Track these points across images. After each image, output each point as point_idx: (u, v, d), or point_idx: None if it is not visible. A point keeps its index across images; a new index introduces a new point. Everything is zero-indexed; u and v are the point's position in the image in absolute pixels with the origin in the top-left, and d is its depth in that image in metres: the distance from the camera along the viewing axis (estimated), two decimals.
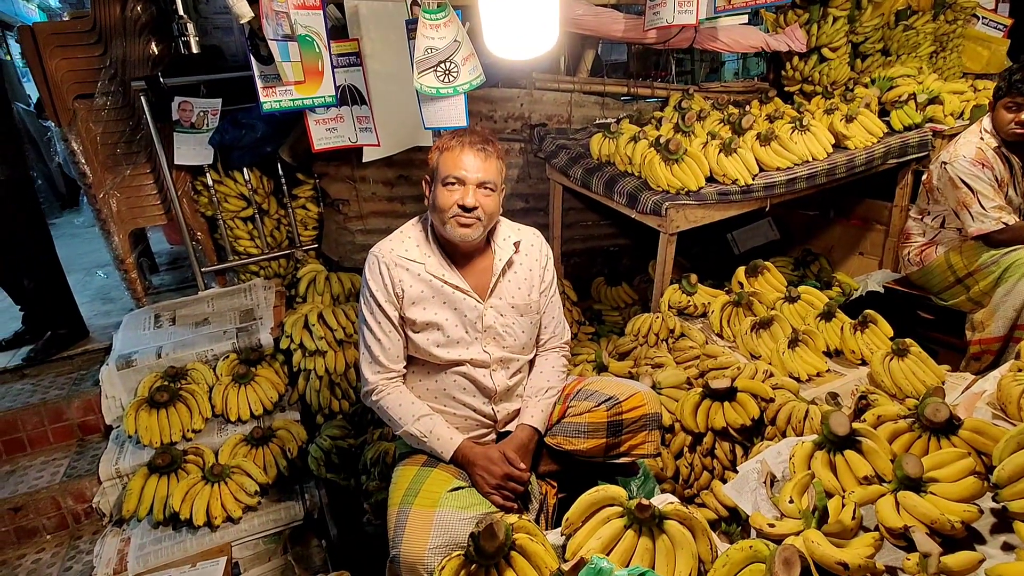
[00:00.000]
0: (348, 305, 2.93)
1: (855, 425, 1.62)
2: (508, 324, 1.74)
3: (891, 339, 2.45)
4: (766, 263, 3.02)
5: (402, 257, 1.69)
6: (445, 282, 1.69)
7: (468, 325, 1.70)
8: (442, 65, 2.04)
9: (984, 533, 1.40)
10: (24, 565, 2.36)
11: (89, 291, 4.12)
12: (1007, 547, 1.35)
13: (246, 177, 3.32)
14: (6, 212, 2.83)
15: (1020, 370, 1.81)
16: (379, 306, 1.68)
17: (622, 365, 2.57)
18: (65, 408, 2.75)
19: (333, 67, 2.37)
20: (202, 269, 3.37)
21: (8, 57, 7.07)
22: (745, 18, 3.86)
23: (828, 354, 2.49)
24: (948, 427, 1.58)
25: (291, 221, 3.49)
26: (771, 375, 2.19)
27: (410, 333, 1.70)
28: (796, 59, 3.94)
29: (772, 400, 2.05)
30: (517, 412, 1.78)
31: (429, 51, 2.01)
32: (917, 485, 1.43)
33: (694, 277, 2.89)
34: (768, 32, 3.94)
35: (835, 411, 1.64)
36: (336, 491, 2.55)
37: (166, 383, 2.72)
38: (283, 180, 3.39)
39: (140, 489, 2.41)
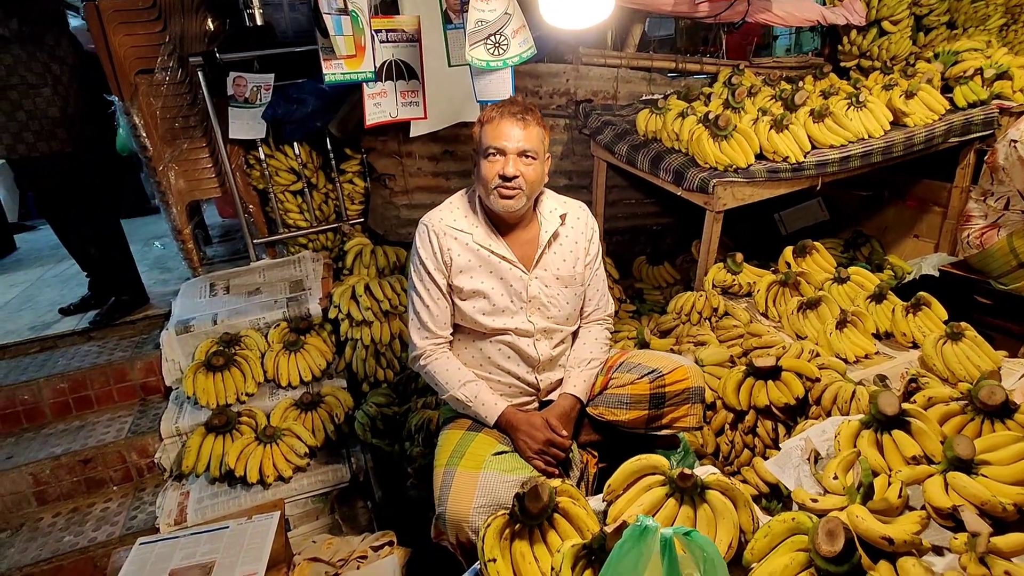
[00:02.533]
0: (394, 278, 2.99)
1: (904, 405, 1.59)
2: (553, 295, 1.76)
3: (945, 323, 2.38)
4: (815, 243, 2.96)
5: (450, 227, 1.73)
6: (492, 252, 1.72)
7: (513, 295, 1.73)
8: (492, 38, 2.04)
9: None
10: (94, 513, 2.53)
11: (147, 261, 4.30)
12: None
13: (296, 151, 3.41)
14: (76, 183, 2.98)
15: None
16: (428, 273, 1.72)
17: (664, 342, 2.57)
18: (128, 369, 2.91)
19: (374, 43, 2.41)
20: (254, 241, 3.49)
21: None
22: None
23: (878, 336, 2.44)
24: (1003, 411, 1.55)
25: (339, 195, 3.57)
26: (817, 355, 2.16)
27: (457, 301, 1.74)
28: (854, 33, 3.80)
29: (818, 380, 2.03)
30: (560, 382, 1.81)
31: (480, 24, 2.02)
32: (968, 467, 1.41)
33: (739, 256, 2.86)
34: (825, 4, 3.79)
35: (884, 390, 1.61)
36: (381, 456, 2.64)
37: (222, 348, 2.84)
38: (331, 155, 3.46)
39: (198, 447, 2.54)
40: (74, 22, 3.54)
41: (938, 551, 1.32)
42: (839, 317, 2.37)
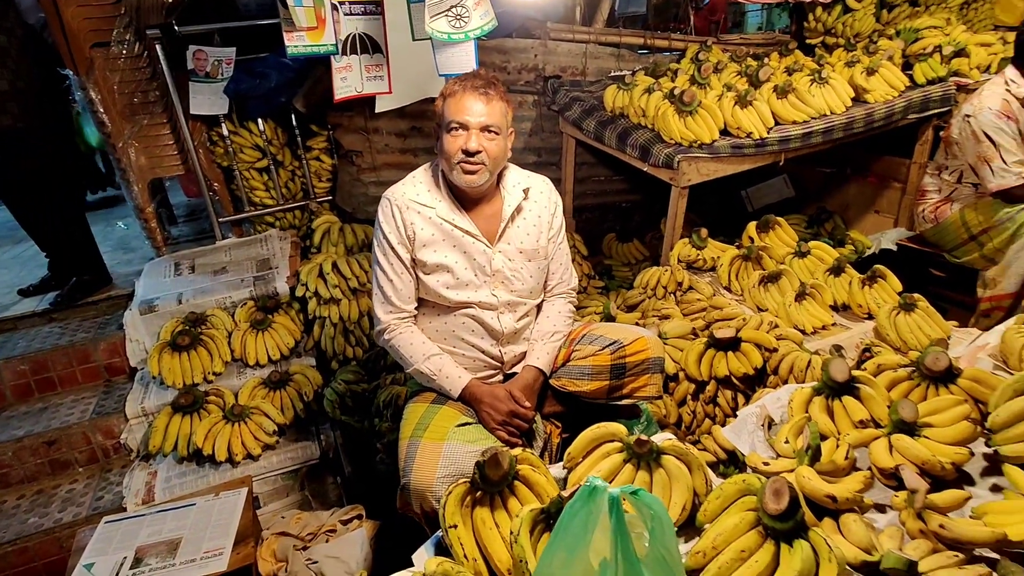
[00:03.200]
0: (362, 255, 2.98)
1: (854, 372, 1.65)
2: (516, 269, 1.78)
3: (899, 294, 2.46)
4: (777, 218, 3.01)
5: (414, 201, 1.73)
6: (455, 226, 1.72)
7: (477, 268, 1.74)
8: (453, 10, 2.02)
9: (975, 475, 1.44)
10: (59, 494, 2.50)
11: (111, 241, 4.21)
12: (995, 488, 1.39)
13: (261, 128, 3.35)
14: (31, 160, 2.89)
15: None
16: (392, 248, 1.72)
17: (630, 317, 2.61)
18: (92, 350, 2.86)
19: (335, 15, 2.36)
20: (219, 219, 3.43)
21: None
22: None
23: (836, 308, 2.51)
24: (947, 376, 1.61)
25: (305, 172, 3.52)
26: (776, 327, 2.22)
27: (421, 275, 1.75)
28: (819, 10, 3.83)
29: (775, 350, 2.09)
30: (524, 355, 1.84)
31: None
32: (911, 429, 1.47)
33: (704, 231, 2.90)
34: None
35: (835, 358, 1.67)
36: (350, 432, 2.65)
37: (187, 328, 2.80)
38: (297, 131, 3.41)
39: (165, 427, 2.53)
40: None
41: (880, 508, 1.39)
42: (798, 290, 2.44)
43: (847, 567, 1.16)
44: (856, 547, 1.19)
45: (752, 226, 2.96)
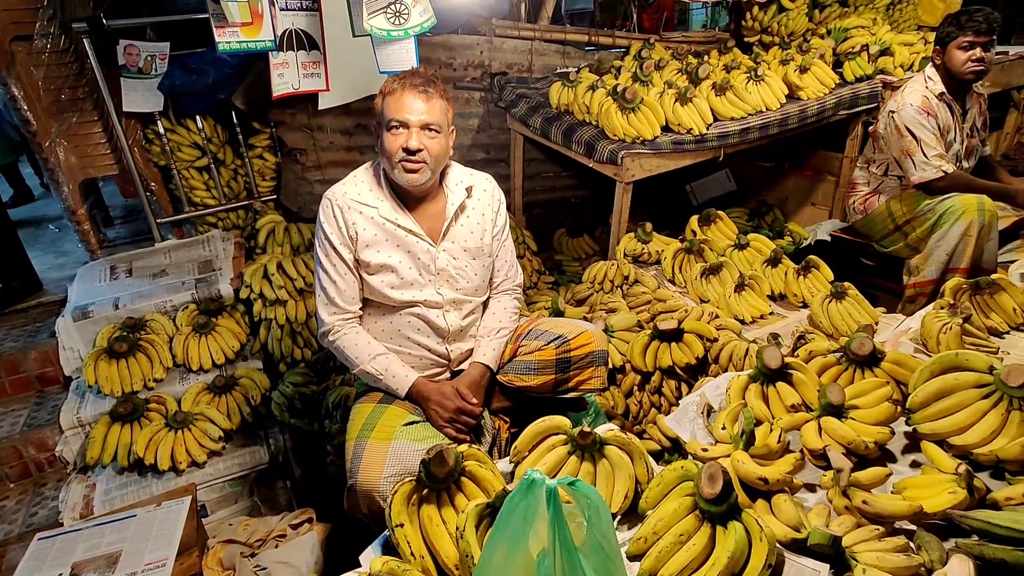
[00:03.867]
0: (308, 255, 2.93)
1: (787, 359, 1.73)
2: (461, 267, 1.78)
3: (831, 283, 2.58)
4: (719, 212, 3.11)
5: (355, 201, 1.71)
6: (398, 225, 1.72)
7: (421, 267, 1.74)
8: (392, 7, 2.01)
9: (896, 453, 1.53)
10: None
11: (41, 245, 4.02)
12: (915, 464, 1.48)
13: (199, 125, 3.25)
14: None
15: (942, 308, 1.94)
16: (334, 248, 1.70)
17: (578, 311, 2.65)
18: (22, 360, 2.73)
19: (273, 10, 2.32)
20: (157, 220, 3.32)
21: None
22: None
23: (773, 298, 2.61)
24: (871, 359, 1.70)
25: (248, 171, 3.44)
26: (716, 317, 2.30)
27: (364, 275, 1.74)
28: (756, 9, 3.95)
29: (716, 340, 2.16)
30: (470, 352, 1.85)
31: None
32: (839, 412, 1.55)
33: (649, 225, 2.97)
34: None
35: (769, 346, 1.74)
36: (300, 435, 2.61)
37: (125, 333, 2.71)
38: (238, 129, 3.32)
39: (103, 437, 2.43)
40: None
41: (810, 488, 1.46)
42: (738, 281, 2.52)
43: (777, 545, 1.21)
44: (786, 526, 1.25)
45: (694, 220, 3.05)
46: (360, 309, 1.79)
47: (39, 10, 2.89)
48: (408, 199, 1.75)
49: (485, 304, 1.91)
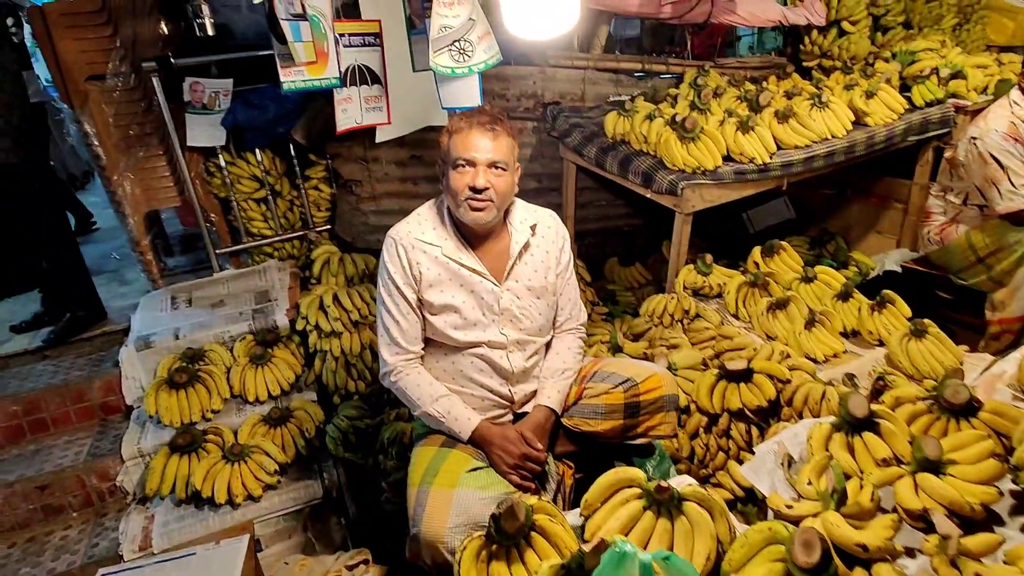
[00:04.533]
0: (363, 286, 2.94)
1: (873, 407, 1.61)
2: (525, 306, 1.74)
3: (909, 319, 2.43)
4: (782, 243, 2.99)
5: (419, 240, 1.69)
6: (462, 265, 1.69)
7: (485, 307, 1.70)
8: (457, 44, 2.00)
9: (1003, 515, 1.39)
10: (52, 542, 2.42)
11: (105, 274, 4.16)
12: None
13: (258, 158, 3.32)
14: (25, 194, 2.85)
15: None
16: (397, 288, 1.68)
17: (637, 346, 2.57)
18: (87, 389, 2.80)
19: (337, 48, 2.35)
20: (216, 251, 3.39)
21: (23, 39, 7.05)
22: None
23: (845, 335, 2.48)
24: (968, 409, 1.57)
25: (304, 202, 3.49)
26: (787, 356, 2.19)
27: (427, 315, 1.71)
28: (815, 33, 3.85)
29: (788, 381, 2.05)
30: (534, 393, 1.79)
31: (443, 29, 1.97)
32: (936, 467, 1.43)
33: (709, 257, 2.87)
34: (786, 5, 3.84)
35: (853, 393, 1.63)
36: (354, 470, 2.58)
37: (185, 364, 2.75)
38: (295, 161, 3.38)
39: (162, 468, 2.45)
40: None
41: (910, 553, 1.34)
42: (807, 317, 2.40)
43: None
44: None
45: (757, 251, 2.94)
46: (422, 349, 1.75)
47: (112, 51, 3.01)
48: (472, 237, 1.72)
49: (548, 344, 1.86)
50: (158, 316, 3.05)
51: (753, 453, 2.15)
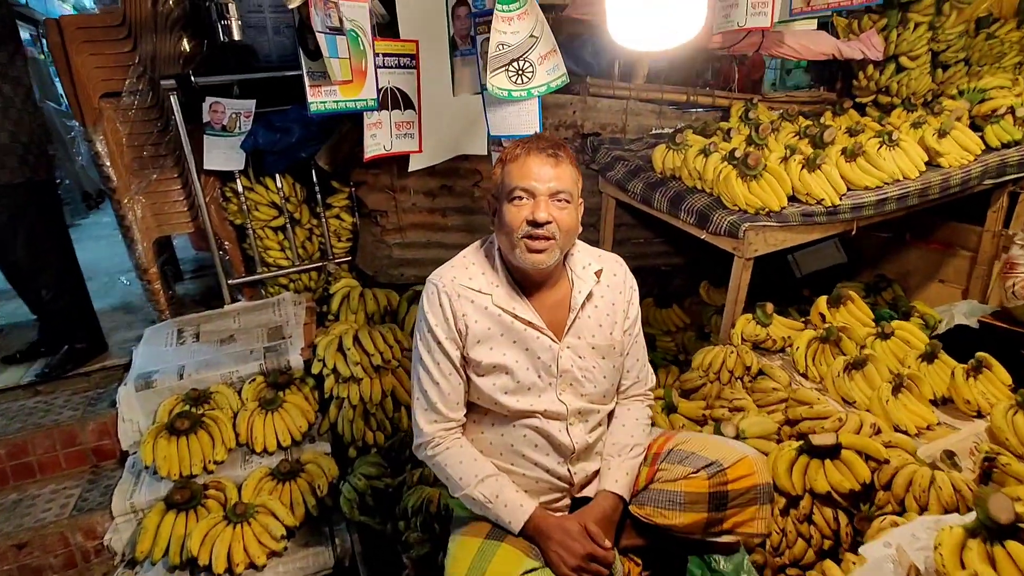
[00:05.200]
0: (386, 327, 2.68)
1: (1018, 508, 1.32)
2: (587, 368, 1.47)
3: (1011, 388, 2.13)
4: (849, 292, 2.71)
5: (466, 287, 1.44)
6: (516, 317, 1.43)
7: (541, 368, 1.44)
8: (515, 64, 1.77)
9: None
10: None
11: (111, 299, 3.93)
12: None
13: (278, 184, 3.11)
14: (26, 217, 2.64)
15: None
16: (438, 344, 1.42)
17: (693, 406, 2.28)
18: (79, 431, 2.54)
19: (376, 67, 2.14)
20: (229, 281, 3.16)
21: (42, 56, 7.01)
22: (815, 23, 3.56)
23: (934, 402, 2.18)
24: None
25: (324, 232, 3.26)
26: (879, 430, 1.89)
27: (473, 376, 1.45)
28: (870, 68, 3.62)
29: (886, 462, 1.75)
30: (595, 473, 1.51)
31: (501, 47, 1.74)
32: None
33: (770, 306, 2.59)
34: (839, 38, 3.63)
35: (995, 492, 1.34)
36: (370, 536, 2.29)
37: (187, 408, 2.50)
38: (317, 188, 3.17)
39: (156, 527, 2.18)
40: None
41: None
42: (894, 381, 2.11)
43: None
44: None
45: (823, 302, 2.65)
46: (464, 416, 1.48)
47: (130, 67, 2.84)
48: (527, 285, 1.47)
49: (611, 413, 1.58)
50: (162, 352, 2.80)
51: (839, 543, 1.85)
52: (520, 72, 1.77)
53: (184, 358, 2.74)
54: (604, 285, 1.53)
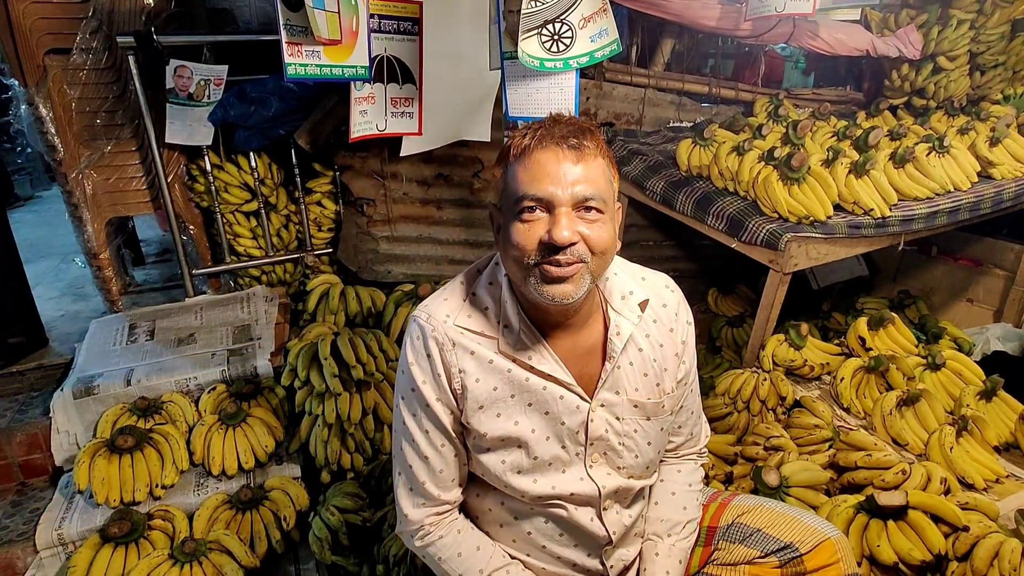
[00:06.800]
0: (369, 333, 2.33)
1: None
2: (627, 434, 1.14)
3: None
4: (892, 314, 2.43)
5: (464, 329, 1.09)
6: (532, 370, 1.08)
7: (567, 436, 1.10)
8: (549, 27, 1.44)
9: None
10: None
11: (62, 283, 3.54)
12: None
13: (252, 163, 2.73)
14: None
15: None
16: (426, 407, 1.09)
17: (721, 441, 1.99)
18: (4, 442, 2.17)
19: (370, 29, 1.79)
20: (193, 271, 2.79)
21: None
22: (858, 13, 3.27)
23: (997, 449, 1.91)
24: None
25: (303, 220, 2.90)
26: (949, 487, 1.61)
27: (474, 451, 1.12)
28: (905, 67, 3.35)
29: (966, 528, 1.47)
30: (635, 560, 1.19)
31: (534, 4, 1.41)
32: None
33: (805, 327, 2.31)
34: (874, 33, 3.35)
35: None
36: None
37: (134, 420, 2.15)
38: (296, 170, 2.80)
39: (87, 566, 1.83)
40: None
41: None
42: (956, 424, 1.83)
43: None
44: None
45: (862, 324, 2.37)
46: (462, 493, 1.16)
47: (82, 20, 2.45)
48: (546, 324, 1.11)
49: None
50: (109, 351, 2.44)
51: None
52: (556, 37, 1.43)
53: (134, 360, 2.38)
54: (650, 321, 1.18)
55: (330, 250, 2.97)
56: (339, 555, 1.95)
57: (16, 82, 2.46)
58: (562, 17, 1.43)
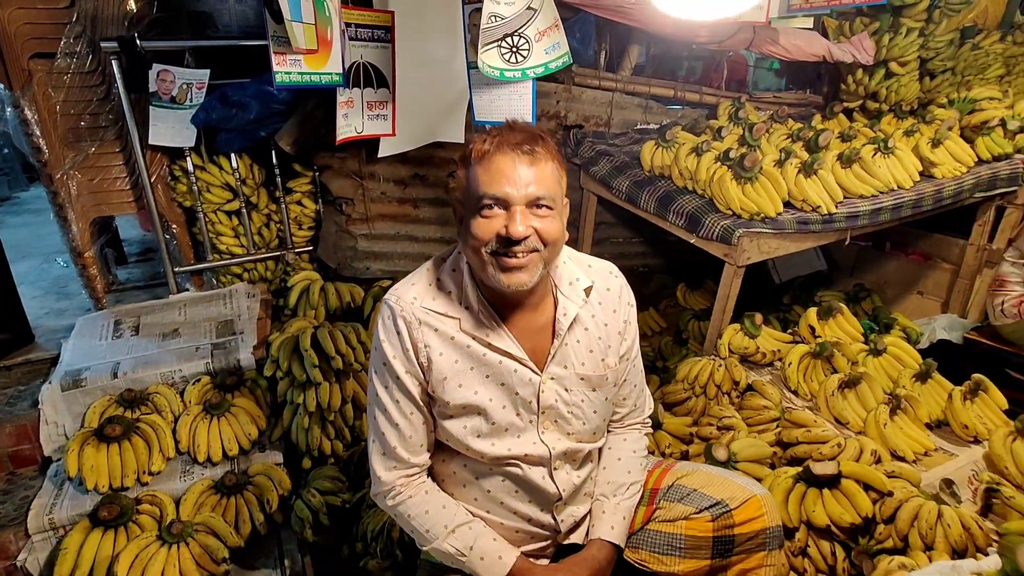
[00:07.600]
0: (348, 326, 2.45)
1: None
2: (575, 403, 1.28)
3: (1007, 412, 2.05)
4: (840, 304, 2.60)
5: (429, 310, 1.22)
6: (490, 346, 1.22)
7: (520, 405, 1.24)
8: (508, 40, 1.57)
9: None
10: None
11: (45, 282, 3.59)
12: None
13: (233, 164, 2.83)
14: None
15: None
16: (396, 379, 1.22)
17: (678, 422, 2.14)
18: None
19: (344, 38, 1.91)
20: (176, 269, 2.88)
21: None
22: (811, 22, 3.44)
23: (929, 426, 2.08)
24: None
25: (283, 218, 3.00)
26: (879, 457, 1.77)
27: (439, 419, 1.25)
28: (860, 72, 3.53)
29: (890, 494, 1.63)
30: (585, 516, 1.33)
31: (494, 19, 1.54)
32: None
33: (759, 317, 2.46)
34: (830, 40, 3.52)
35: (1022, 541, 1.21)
36: (324, 557, 2.08)
37: (121, 411, 2.24)
38: (277, 171, 2.90)
39: (78, 548, 1.92)
40: None
41: None
42: (890, 402, 2.00)
43: None
44: None
45: (812, 314, 2.54)
46: (429, 458, 1.28)
47: (67, 25, 2.53)
48: (503, 306, 1.25)
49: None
50: (95, 346, 2.52)
51: None
52: (514, 49, 1.57)
53: (120, 354, 2.46)
54: (595, 303, 1.33)
55: (310, 248, 3.08)
56: (320, 535, 2.07)
57: (2, 86, 2.53)
58: (520, 30, 1.56)
